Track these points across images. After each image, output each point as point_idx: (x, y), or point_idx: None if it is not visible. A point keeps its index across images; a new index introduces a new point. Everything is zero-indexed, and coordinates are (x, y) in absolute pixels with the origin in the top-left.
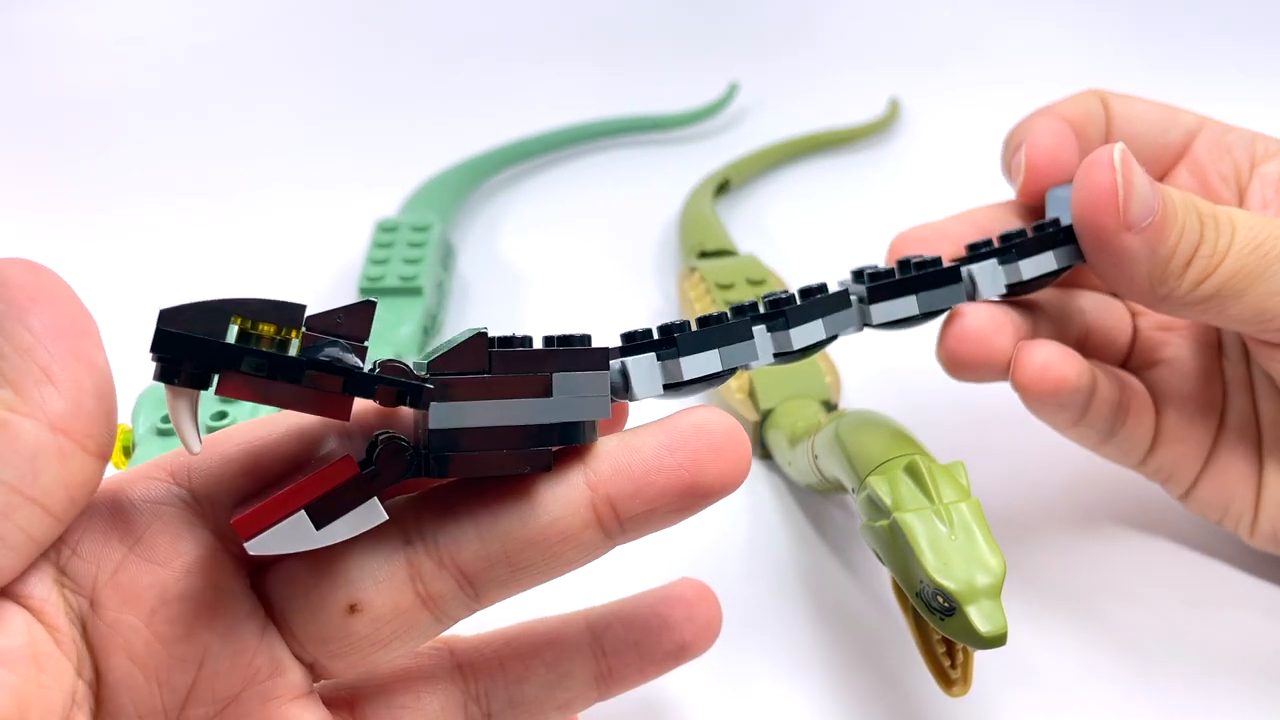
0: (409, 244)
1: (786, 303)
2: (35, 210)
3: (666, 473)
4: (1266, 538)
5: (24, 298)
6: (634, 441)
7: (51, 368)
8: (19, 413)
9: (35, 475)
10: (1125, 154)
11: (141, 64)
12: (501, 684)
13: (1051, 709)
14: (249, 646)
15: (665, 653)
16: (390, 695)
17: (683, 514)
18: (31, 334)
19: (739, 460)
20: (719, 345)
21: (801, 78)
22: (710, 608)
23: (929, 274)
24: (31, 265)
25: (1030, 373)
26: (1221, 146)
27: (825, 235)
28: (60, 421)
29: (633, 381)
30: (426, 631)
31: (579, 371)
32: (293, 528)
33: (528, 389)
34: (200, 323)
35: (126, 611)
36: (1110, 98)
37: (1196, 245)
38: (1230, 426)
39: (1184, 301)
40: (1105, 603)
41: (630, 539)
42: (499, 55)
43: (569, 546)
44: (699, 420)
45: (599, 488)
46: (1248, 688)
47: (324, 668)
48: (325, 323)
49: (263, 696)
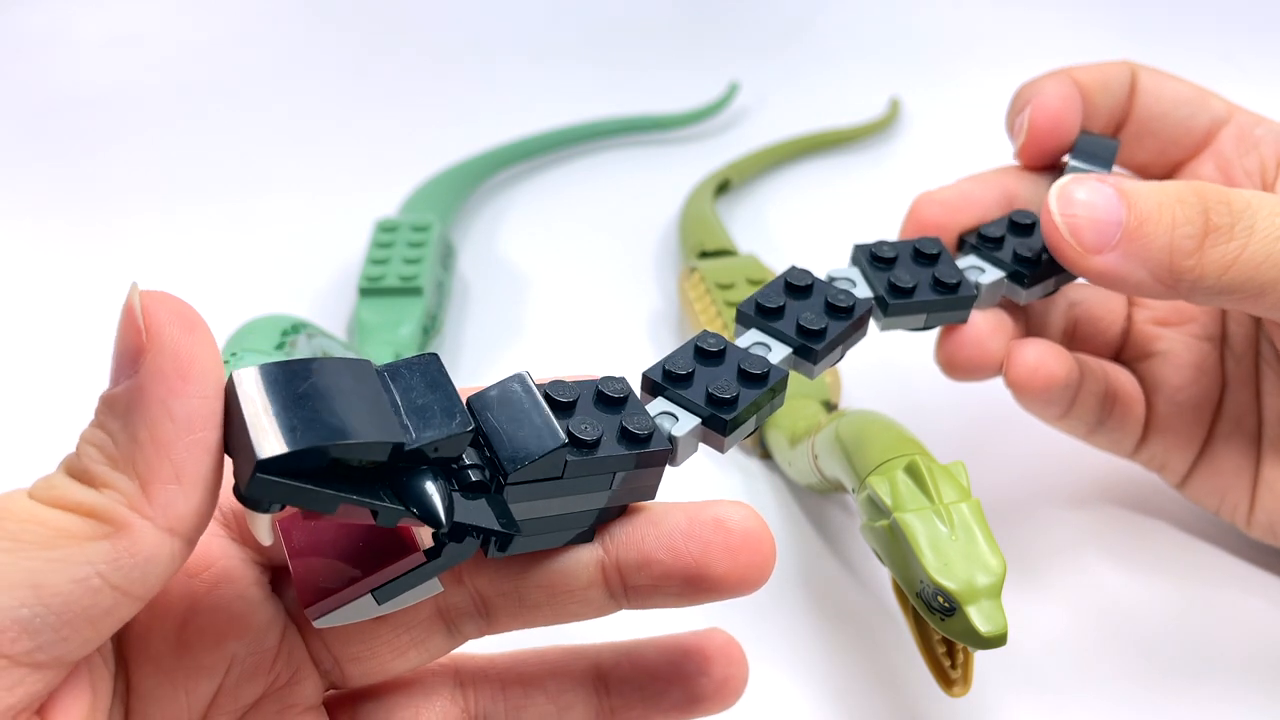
0: (409, 244)
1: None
2: (35, 210)
3: (675, 557)
4: (1262, 528)
5: (174, 372)
6: (656, 515)
7: (184, 468)
8: (142, 514)
9: (145, 579)
10: (1063, 190)
11: (141, 64)
12: (501, 708)
13: (1051, 709)
14: (271, 654)
15: (672, 704)
16: (391, 709)
17: (686, 600)
18: (173, 424)
19: (751, 565)
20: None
21: (801, 78)
22: (730, 664)
23: (946, 299)
24: (189, 321)
25: (1022, 372)
26: (1249, 140)
27: (825, 235)
28: (179, 525)
29: (679, 453)
30: (441, 645)
31: (642, 469)
32: (358, 606)
33: (594, 486)
34: (300, 470)
35: (156, 622)
36: (1141, 71)
37: (1200, 236)
38: (1227, 419)
39: (1213, 290)
40: (1106, 602)
41: (636, 608)
42: (499, 55)
43: (573, 599)
44: (721, 515)
45: (611, 551)
46: (1249, 688)
47: (341, 671)
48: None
49: (280, 705)
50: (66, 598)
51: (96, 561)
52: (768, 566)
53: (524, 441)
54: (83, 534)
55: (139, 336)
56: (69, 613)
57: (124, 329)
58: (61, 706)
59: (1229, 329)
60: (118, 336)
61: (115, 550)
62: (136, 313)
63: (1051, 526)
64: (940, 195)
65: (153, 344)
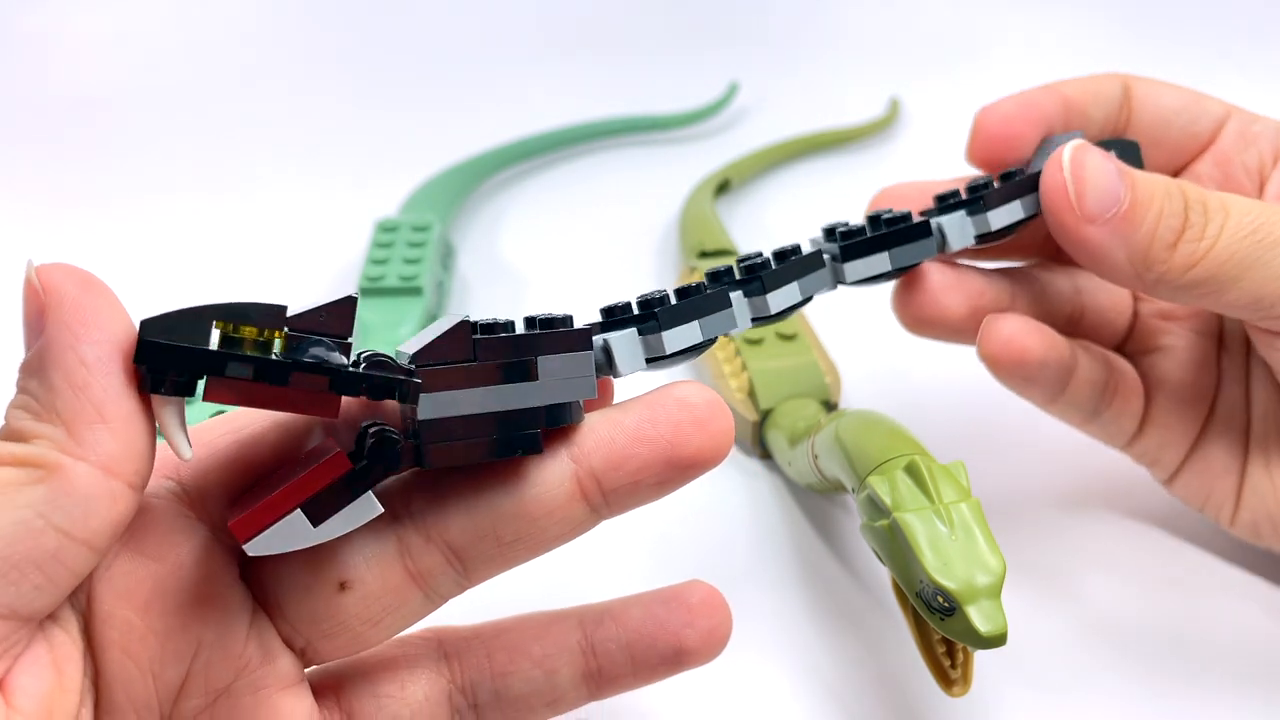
0: (409, 244)
1: (762, 267)
2: (35, 210)
3: (648, 445)
4: (1246, 527)
5: (76, 321)
6: (617, 416)
7: (105, 406)
8: (72, 455)
9: (86, 519)
10: (1079, 151)
11: (141, 64)
12: (488, 675)
13: (1051, 709)
14: (240, 637)
15: (660, 657)
16: (375, 683)
17: (666, 487)
18: (85, 367)
19: (720, 433)
20: (699, 316)
21: (801, 78)
22: (714, 614)
23: (899, 230)
24: (82, 278)
25: (994, 345)
26: (1247, 137)
27: None
28: (113, 464)
29: (616, 359)
30: (417, 609)
31: (563, 354)
32: (290, 527)
33: (513, 375)
34: (182, 330)
35: (122, 606)
36: (1134, 82)
37: (1180, 230)
38: (1219, 416)
39: (1176, 285)
40: (1107, 603)
41: (616, 513)
42: (499, 55)
43: (554, 520)
44: (681, 394)
45: (582, 461)
46: (1246, 687)
47: (315, 650)
48: (308, 322)
49: (253, 686)
50: (9, 539)
51: (35, 504)
52: (731, 431)
53: (431, 333)
54: (17, 481)
55: (39, 299)
56: (14, 554)
57: (26, 300)
58: (21, 684)
59: (1225, 325)
60: (23, 310)
61: (52, 491)
62: (35, 282)
63: (1051, 526)
64: (899, 191)
65: (52, 302)
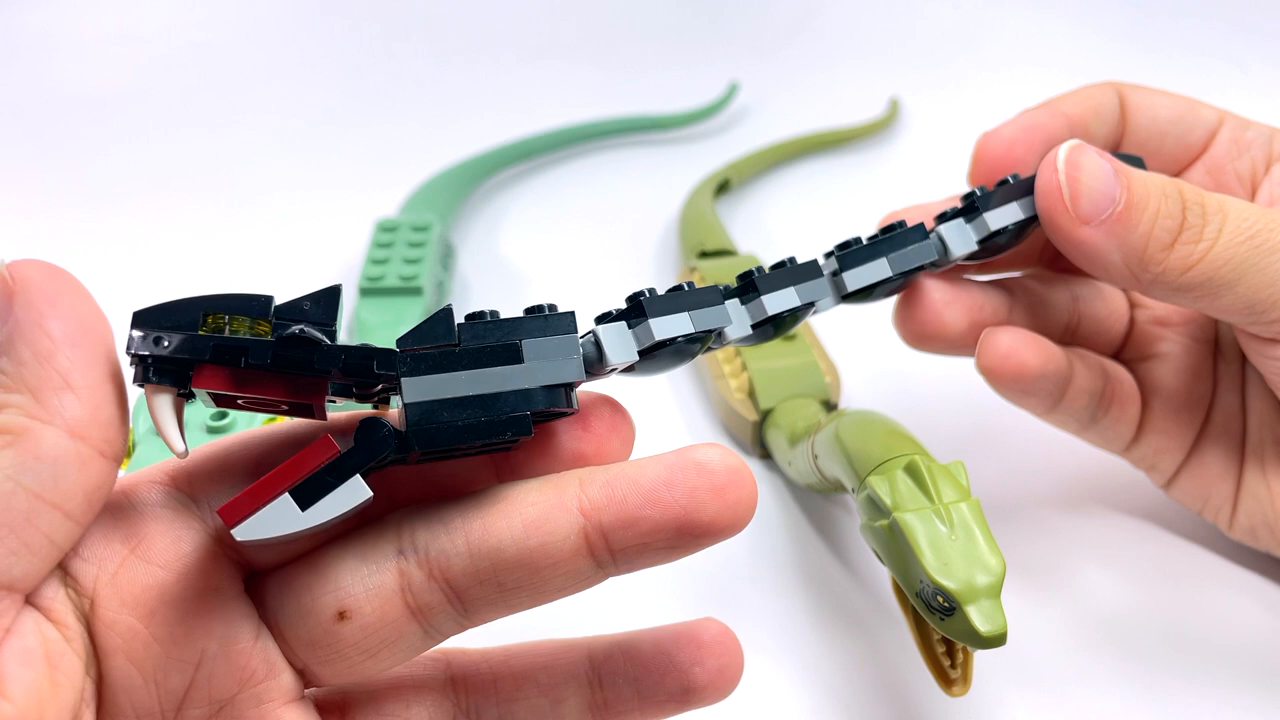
0: (409, 244)
1: (754, 274)
2: (35, 210)
3: (661, 508)
4: (1244, 531)
5: (43, 301)
6: (633, 472)
7: (70, 374)
8: (39, 419)
9: (56, 481)
10: (1074, 151)
11: (141, 64)
12: (493, 701)
13: (1051, 708)
14: (244, 649)
15: (667, 694)
16: (380, 703)
17: (677, 552)
18: (51, 339)
19: (738, 502)
20: (688, 308)
21: (801, 78)
22: (724, 653)
23: (896, 235)
24: (50, 268)
25: (992, 358)
26: (1240, 144)
27: (825, 235)
28: (80, 428)
29: (606, 350)
30: (415, 645)
31: (547, 336)
32: (278, 511)
33: (499, 357)
34: (172, 322)
35: (126, 613)
36: (1128, 91)
37: (1176, 231)
38: (1215, 423)
39: (1172, 287)
40: (1106, 602)
41: (624, 571)
42: (499, 55)
43: (558, 572)
44: (702, 458)
45: (592, 515)
46: (1249, 685)
47: (313, 674)
48: (294, 311)
49: (256, 699)
50: None
51: (4, 467)
52: (753, 502)
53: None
54: None
55: (8, 286)
56: None
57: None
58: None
59: (1221, 332)
60: None
61: (19, 454)
62: (4, 274)
63: (1051, 526)
64: (906, 213)
65: (19, 286)
